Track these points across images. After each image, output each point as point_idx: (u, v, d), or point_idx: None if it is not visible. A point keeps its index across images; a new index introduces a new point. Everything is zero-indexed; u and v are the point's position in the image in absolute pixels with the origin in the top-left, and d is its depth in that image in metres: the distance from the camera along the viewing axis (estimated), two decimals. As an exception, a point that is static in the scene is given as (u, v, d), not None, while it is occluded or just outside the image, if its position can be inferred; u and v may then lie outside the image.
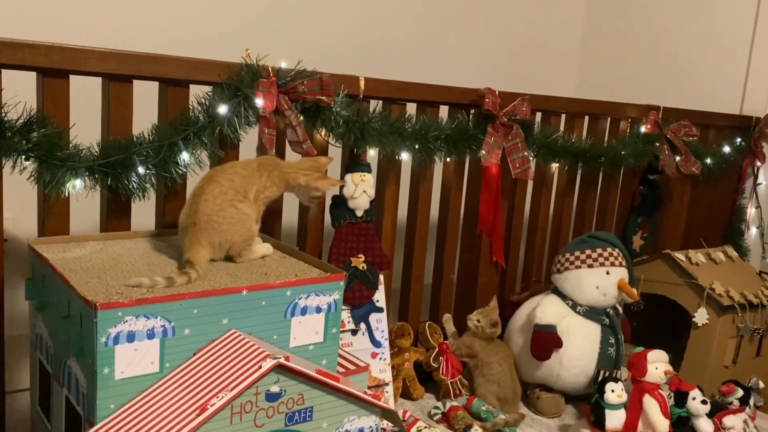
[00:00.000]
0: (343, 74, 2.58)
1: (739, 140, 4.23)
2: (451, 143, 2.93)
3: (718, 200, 4.36)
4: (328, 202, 2.75)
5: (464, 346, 3.07)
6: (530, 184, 3.49)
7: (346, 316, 2.74)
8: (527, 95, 3.07)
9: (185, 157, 2.24)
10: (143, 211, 2.37)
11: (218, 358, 1.81)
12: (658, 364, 2.83)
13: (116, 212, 2.29)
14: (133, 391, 1.76)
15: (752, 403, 2.99)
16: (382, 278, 2.85)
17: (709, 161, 4.01)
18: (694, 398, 2.82)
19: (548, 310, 3.03)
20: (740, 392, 2.97)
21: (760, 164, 4.34)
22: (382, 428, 2.35)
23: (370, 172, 2.74)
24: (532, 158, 3.19)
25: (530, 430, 2.92)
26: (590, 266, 3.09)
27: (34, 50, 2.00)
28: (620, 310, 3.19)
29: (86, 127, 2.19)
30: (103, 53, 2.12)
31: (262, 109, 2.29)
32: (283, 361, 1.76)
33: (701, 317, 3.35)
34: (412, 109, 2.93)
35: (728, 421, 2.86)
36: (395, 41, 4.28)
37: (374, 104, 2.77)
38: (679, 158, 3.80)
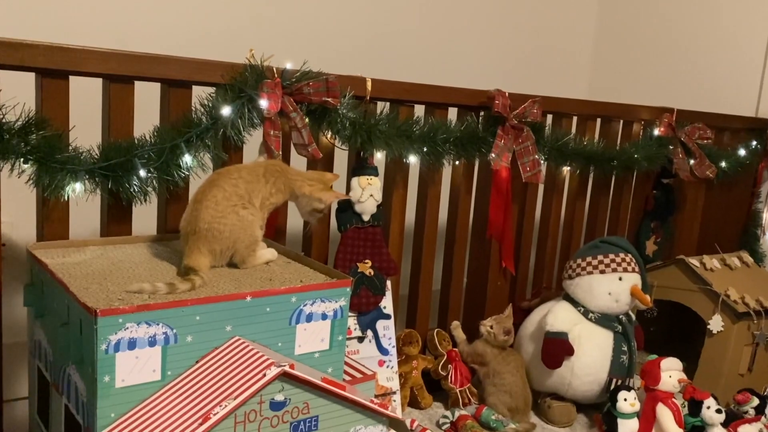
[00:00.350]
0: (349, 75, 2.57)
1: (754, 143, 4.22)
2: (460, 146, 2.92)
3: (733, 204, 4.35)
4: (333, 206, 2.74)
5: (475, 353, 3.06)
6: (541, 188, 3.48)
7: (352, 323, 2.73)
8: (538, 97, 3.06)
9: (188, 159, 2.23)
10: (145, 215, 2.36)
11: (221, 365, 1.80)
12: (671, 372, 2.83)
13: (117, 216, 2.28)
14: (134, 399, 1.75)
15: (768, 412, 2.98)
16: (389, 284, 2.85)
17: (723, 165, 4.00)
18: (708, 407, 2.81)
19: (559, 316, 3.02)
20: (756, 401, 2.96)
21: (775, 167, 4.33)
22: (389, 438, 2.34)
23: (377, 175, 2.73)
24: (542, 161, 3.18)
25: (541, 439, 2.91)
26: (602, 272, 3.08)
27: (32, 50, 1.99)
28: (633, 317, 3.18)
29: (86, 129, 2.18)
30: (103, 54, 2.11)
31: (266, 110, 2.28)
32: (287, 369, 1.74)
33: (716, 324, 3.33)
34: (420, 111, 2.92)
35: (743, 430, 2.85)
36: (403, 41, 4.27)
37: (381, 106, 2.76)
38: (693, 162, 3.79)
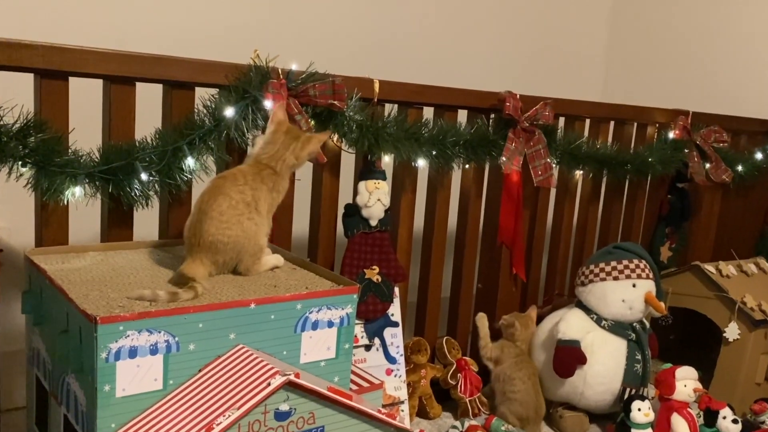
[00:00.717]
0: (356, 77, 2.57)
1: (772, 146, 4.21)
2: (470, 149, 2.91)
3: (749, 209, 4.34)
4: (340, 210, 2.73)
5: (495, 348, 3.05)
6: (553, 192, 3.47)
7: (359, 330, 2.72)
8: (550, 99, 3.06)
9: (190, 162, 2.23)
10: (146, 219, 2.35)
11: (225, 374, 1.79)
12: (686, 381, 2.82)
13: (118, 221, 2.27)
14: (135, 409, 1.74)
15: (786, 422, 2.97)
16: (397, 291, 2.83)
17: (740, 168, 3.99)
18: (724, 417, 2.81)
19: (572, 324, 3.01)
20: (773, 411, 2.95)
21: (793, 172, 4.32)
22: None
23: (384, 179, 2.72)
24: (554, 165, 3.18)
25: (553, 451, 2.91)
26: (616, 279, 3.07)
27: (31, 51, 1.98)
28: (647, 324, 3.16)
29: (86, 131, 2.17)
30: (104, 54, 2.11)
31: (271, 111, 2.27)
32: (293, 378, 1.74)
33: (732, 332, 3.32)
34: (429, 113, 2.91)
35: (760, 440, 2.85)
36: (411, 42, 4.27)
37: (389, 108, 2.75)
38: (709, 165, 3.78)
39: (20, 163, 1.99)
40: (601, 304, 3.05)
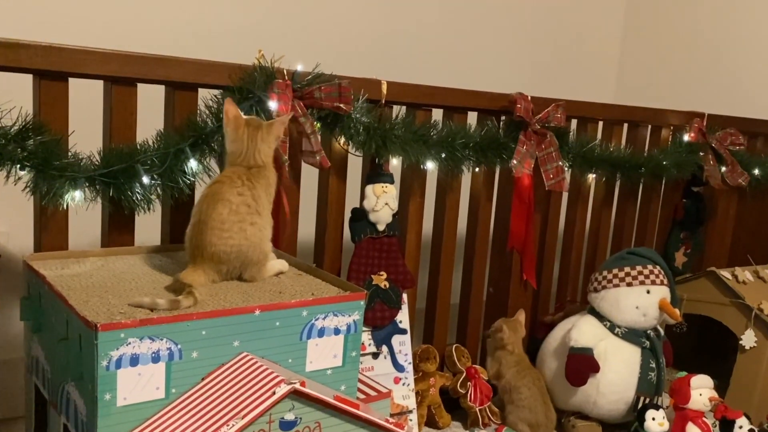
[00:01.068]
0: (363, 78, 2.56)
1: (789, 149, 4.20)
2: (480, 152, 2.91)
3: (766, 213, 4.32)
4: (347, 215, 2.73)
5: (493, 363, 3.06)
6: (565, 196, 3.45)
7: (366, 338, 2.72)
8: (562, 101, 3.06)
9: (193, 165, 2.22)
10: (148, 224, 2.34)
11: (228, 383, 1.78)
12: (702, 390, 2.82)
13: (119, 226, 2.27)
14: (136, 418, 1.73)
15: (804, 432, 2.96)
16: (405, 297, 2.83)
17: (757, 172, 3.97)
18: (740, 427, 2.81)
19: (584, 331, 3.00)
20: (791, 420, 2.95)
21: (811, 175, 4.30)
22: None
23: (392, 183, 2.72)
24: (567, 168, 3.17)
25: (566, 461, 2.90)
26: (629, 285, 3.06)
27: (30, 51, 1.98)
28: (662, 331, 3.15)
29: (86, 133, 2.17)
30: (104, 54, 2.10)
31: (276, 112, 2.27)
32: (298, 386, 1.73)
33: (749, 340, 3.31)
34: (438, 115, 2.91)
35: (777, 451, 2.84)
36: (420, 42, 4.26)
37: (397, 110, 2.75)
38: (725, 169, 3.77)
39: (19, 166, 1.98)
40: (614, 310, 3.04)
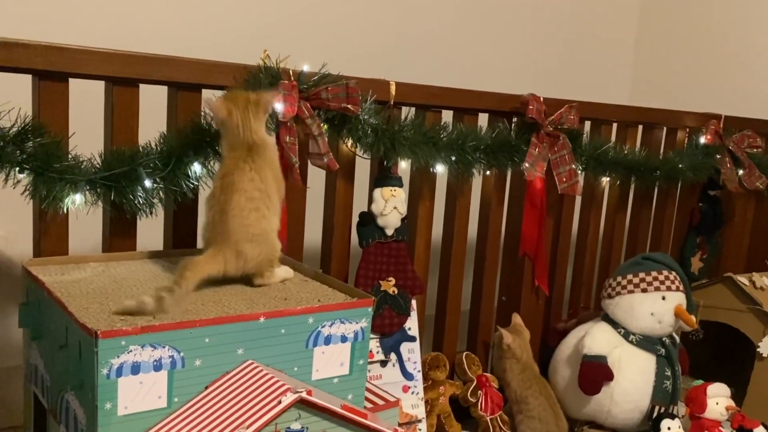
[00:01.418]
0: (371, 78, 2.56)
1: (808, 152, 4.19)
2: (491, 155, 2.90)
3: (785, 218, 4.32)
4: (354, 219, 2.72)
5: (500, 371, 3.05)
6: (578, 200, 3.46)
7: (374, 345, 2.71)
8: (575, 102, 3.05)
9: (197, 168, 2.21)
10: (150, 229, 2.34)
11: (233, 392, 1.77)
12: (718, 398, 2.82)
13: (120, 230, 2.26)
14: (137, 428, 1.72)
15: (823, 441, 2.95)
16: (414, 304, 2.82)
17: (775, 175, 3.97)
18: (758, 437, 2.80)
19: (598, 339, 3.00)
20: (809, 430, 2.94)
21: (831, 178, 4.29)
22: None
23: (401, 186, 2.71)
24: (580, 172, 3.16)
25: (579, 472, 2.89)
26: (644, 291, 3.06)
27: (29, 51, 1.97)
28: (677, 339, 3.15)
29: (87, 135, 2.16)
30: (106, 54, 2.10)
31: (282, 114, 2.26)
32: (304, 395, 1.72)
33: (766, 347, 3.30)
34: (448, 116, 2.91)
35: (796, 461, 2.84)
36: (429, 42, 4.26)
37: (406, 111, 2.74)
38: (742, 172, 3.77)
39: (17, 169, 1.97)
40: (628, 317, 3.04)
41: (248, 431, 1.65)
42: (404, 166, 2.70)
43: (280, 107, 2.25)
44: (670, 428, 2.76)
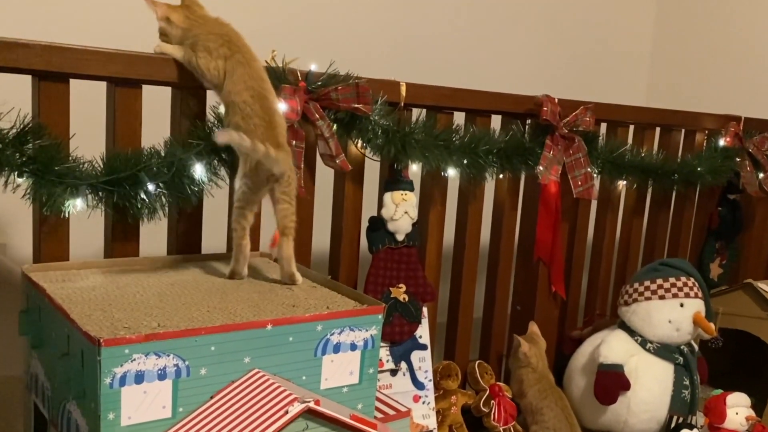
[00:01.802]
0: (381, 79, 2.55)
1: (831, 155, 4.18)
2: (504, 158, 2.90)
3: (806, 223, 4.31)
4: (364, 224, 2.71)
5: (514, 383, 3.04)
6: (594, 204, 3.45)
7: (384, 354, 2.71)
8: (591, 104, 3.04)
9: (201, 172, 2.20)
10: (154, 234, 2.33)
11: (239, 401, 1.77)
12: (738, 408, 2.82)
13: (123, 235, 2.25)
14: (141, 439, 1.72)
15: None
16: (425, 311, 2.82)
17: (796, 178, 3.96)
18: (779, 448, 2.79)
19: (614, 347, 2.99)
20: (832, 441, 2.93)
21: None
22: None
23: (412, 190, 2.70)
24: (596, 175, 3.16)
25: (595, 484, 2.88)
26: (662, 298, 3.05)
27: (28, 50, 1.96)
28: (696, 347, 3.14)
29: (88, 138, 2.15)
30: (108, 54, 2.09)
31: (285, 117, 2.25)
32: (312, 405, 1.71)
33: (787, 356, 3.30)
34: (460, 118, 2.90)
35: (817, 473, 2.83)
36: (441, 42, 4.26)
37: (417, 113, 2.74)
38: (762, 175, 3.76)
39: (17, 172, 1.97)
40: (646, 325, 3.03)
41: (255, 442, 1.65)
42: (415, 169, 2.70)
43: (285, 108, 2.25)
44: (688, 439, 2.77)
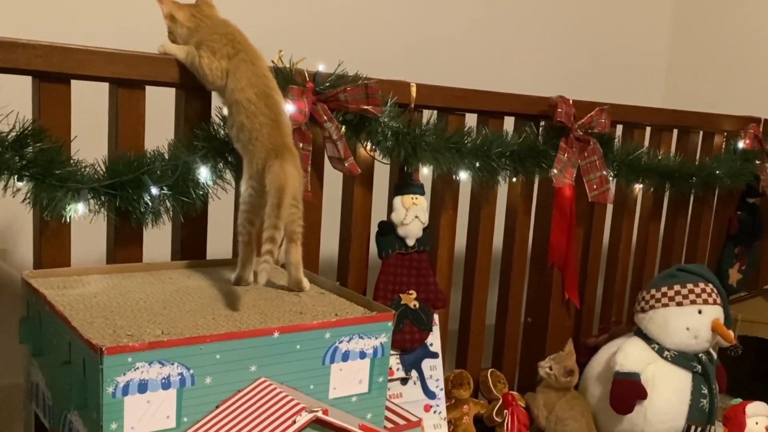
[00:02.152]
0: (391, 80, 2.55)
1: None
2: (517, 160, 2.90)
3: (828, 227, 4.30)
4: (373, 229, 2.71)
5: (537, 407, 3.02)
6: (609, 208, 3.45)
7: (394, 362, 2.70)
8: (606, 105, 3.04)
9: (206, 175, 2.20)
10: (157, 239, 2.33)
11: (245, 411, 1.76)
12: (758, 418, 2.82)
13: (125, 240, 2.25)
14: (144, 450, 1.71)
15: None
16: (436, 318, 2.81)
17: (817, 182, 3.95)
18: (799, 458, 2.79)
19: (630, 355, 2.98)
20: None
21: None
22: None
23: (423, 194, 2.70)
24: (611, 178, 3.16)
25: (611, 496, 2.87)
26: (679, 304, 3.04)
27: (29, 51, 1.96)
28: (714, 355, 3.13)
29: (90, 140, 2.16)
30: (110, 54, 2.09)
31: (291, 119, 2.25)
32: (320, 414, 1.70)
33: (808, 364, 3.30)
34: (472, 120, 2.90)
35: (837, 483, 2.83)
36: (452, 42, 4.26)
37: (428, 114, 2.73)
38: (783, 179, 3.75)
39: (17, 176, 1.97)
40: (663, 332, 3.02)
41: (261, 453, 1.65)
42: (426, 172, 2.69)
43: (290, 109, 2.24)
44: (707, 449, 2.76)
